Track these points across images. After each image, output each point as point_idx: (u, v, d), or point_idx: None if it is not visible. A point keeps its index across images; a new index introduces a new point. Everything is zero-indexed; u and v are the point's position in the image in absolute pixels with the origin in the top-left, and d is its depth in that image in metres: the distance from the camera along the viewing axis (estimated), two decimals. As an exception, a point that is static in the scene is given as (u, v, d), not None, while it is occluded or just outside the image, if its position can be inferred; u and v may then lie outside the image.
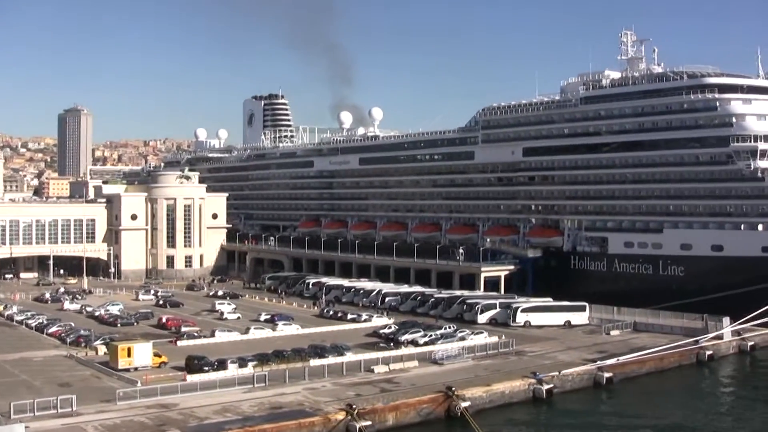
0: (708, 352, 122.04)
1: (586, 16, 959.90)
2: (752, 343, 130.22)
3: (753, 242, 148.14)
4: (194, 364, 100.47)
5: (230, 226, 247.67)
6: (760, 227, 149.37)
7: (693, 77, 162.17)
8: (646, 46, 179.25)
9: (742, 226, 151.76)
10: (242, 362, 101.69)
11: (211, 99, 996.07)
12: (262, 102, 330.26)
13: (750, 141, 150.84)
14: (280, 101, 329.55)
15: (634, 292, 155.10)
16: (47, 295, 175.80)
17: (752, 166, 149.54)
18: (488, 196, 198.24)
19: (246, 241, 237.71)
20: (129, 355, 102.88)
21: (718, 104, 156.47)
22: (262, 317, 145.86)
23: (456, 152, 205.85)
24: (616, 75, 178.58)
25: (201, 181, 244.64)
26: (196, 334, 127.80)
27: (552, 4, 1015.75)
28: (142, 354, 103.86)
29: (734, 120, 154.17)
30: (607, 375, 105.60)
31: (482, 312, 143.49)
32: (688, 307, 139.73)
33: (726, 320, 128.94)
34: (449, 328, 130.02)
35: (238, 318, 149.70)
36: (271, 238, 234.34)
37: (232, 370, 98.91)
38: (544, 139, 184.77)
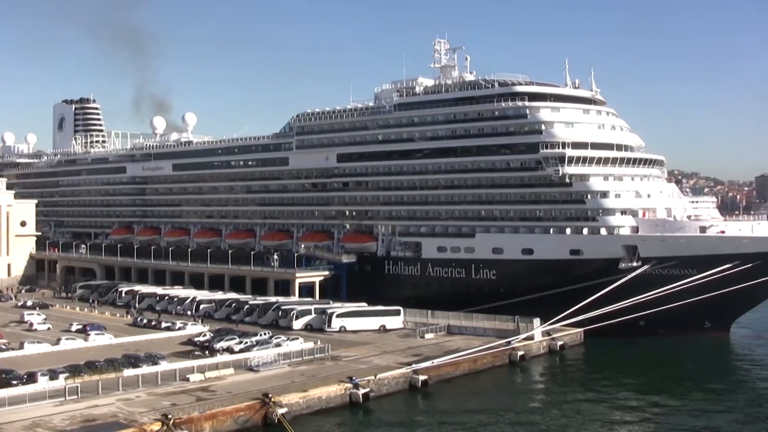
0: (520, 353, 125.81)
1: (399, 24, 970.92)
2: (561, 342, 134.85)
3: (561, 245, 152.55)
4: (1, 378, 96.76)
5: (40, 233, 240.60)
6: (568, 231, 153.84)
7: (504, 85, 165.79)
8: (459, 55, 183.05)
9: (551, 230, 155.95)
10: (53, 374, 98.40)
11: (18, 102, 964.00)
12: (73, 106, 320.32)
13: (558, 148, 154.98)
14: (91, 105, 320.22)
15: (448, 296, 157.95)
16: None
17: (560, 172, 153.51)
18: (303, 202, 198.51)
19: (56, 249, 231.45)
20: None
21: (527, 112, 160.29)
22: (74, 327, 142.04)
23: (270, 158, 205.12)
24: (429, 82, 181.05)
25: (9, 187, 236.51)
26: (3, 347, 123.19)
27: (366, 12, 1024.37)
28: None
29: (543, 127, 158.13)
30: (422, 378, 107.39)
31: (297, 318, 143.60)
32: (500, 310, 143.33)
33: (536, 321, 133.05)
34: (265, 334, 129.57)
35: (49, 329, 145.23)
36: (82, 245, 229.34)
37: (43, 383, 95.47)
38: (358, 145, 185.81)
